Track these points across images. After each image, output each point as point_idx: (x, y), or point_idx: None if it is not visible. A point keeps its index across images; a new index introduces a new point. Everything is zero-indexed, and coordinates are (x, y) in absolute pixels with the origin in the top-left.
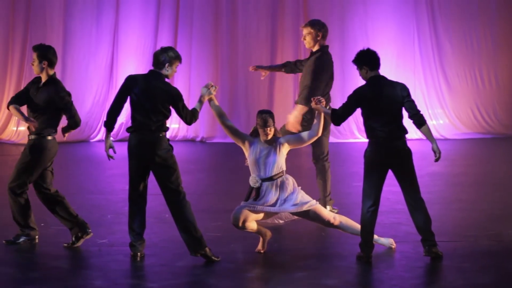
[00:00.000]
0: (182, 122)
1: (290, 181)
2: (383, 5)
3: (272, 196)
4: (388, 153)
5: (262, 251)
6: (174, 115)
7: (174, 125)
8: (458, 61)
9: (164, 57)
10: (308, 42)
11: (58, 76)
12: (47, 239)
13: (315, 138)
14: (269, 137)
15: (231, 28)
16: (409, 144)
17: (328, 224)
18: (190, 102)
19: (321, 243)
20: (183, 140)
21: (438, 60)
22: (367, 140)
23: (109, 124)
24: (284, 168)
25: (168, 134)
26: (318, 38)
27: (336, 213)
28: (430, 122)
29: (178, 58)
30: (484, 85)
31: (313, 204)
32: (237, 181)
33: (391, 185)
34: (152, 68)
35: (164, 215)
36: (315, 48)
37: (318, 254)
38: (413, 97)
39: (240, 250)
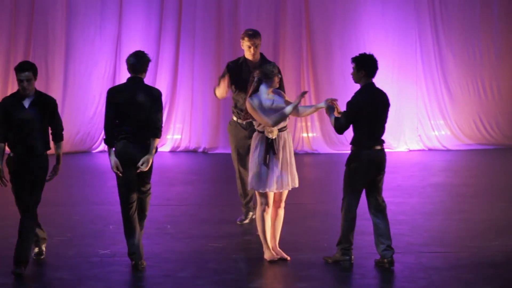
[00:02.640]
0: (184, 132)
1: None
2: (385, 16)
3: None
4: (381, 157)
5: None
6: (176, 125)
7: (176, 135)
8: (461, 72)
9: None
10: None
11: (60, 85)
12: (49, 250)
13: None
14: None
15: (233, 38)
16: (410, 155)
17: (280, 207)
18: (193, 112)
19: (323, 254)
20: (185, 151)
21: (440, 70)
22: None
23: (109, 140)
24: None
25: (170, 145)
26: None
27: None
28: (432, 133)
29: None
30: (486, 96)
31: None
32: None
33: (393, 196)
34: (132, 75)
35: (166, 226)
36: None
37: (321, 264)
38: (415, 107)
39: (242, 261)
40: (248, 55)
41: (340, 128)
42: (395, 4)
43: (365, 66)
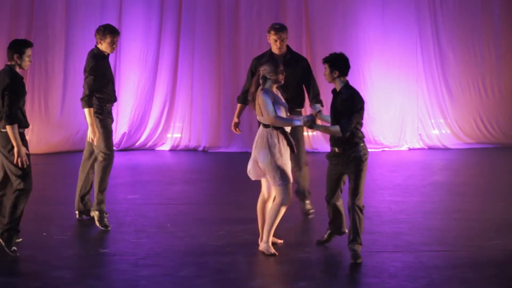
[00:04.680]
0: (184, 131)
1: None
2: (385, 15)
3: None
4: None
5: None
6: (176, 124)
7: (176, 134)
8: (461, 71)
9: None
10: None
11: (60, 84)
12: (49, 249)
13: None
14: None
15: (233, 37)
16: (411, 153)
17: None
18: (193, 111)
19: (324, 253)
20: (185, 150)
21: (440, 69)
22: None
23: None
24: None
25: (170, 144)
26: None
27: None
28: (433, 132)
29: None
30: (487, 95)
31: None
32: (239, 191)
33: (393, 195)
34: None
35: (166, 225)
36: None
37: (321, 263)
38: (415, 107)
39: (242, 260)
40: (275, 48)
41: (349, 129)
42: (395, 3)
43: (338, 65)
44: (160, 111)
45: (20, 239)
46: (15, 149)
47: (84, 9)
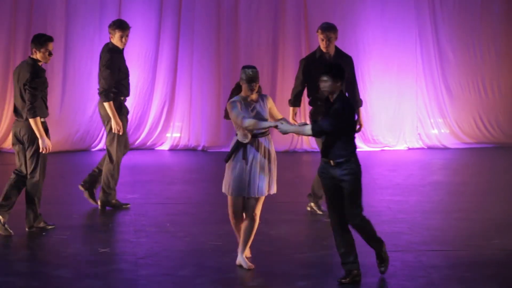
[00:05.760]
0: (183, 131)
1: (272, 151)
2: (385, 15)
3: (252, 155)
4: None
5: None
6: (175, 124)
7: (176, 134)
8: (461, 71)
9: None
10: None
11: (60, 84)
12: (49, 248)
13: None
14: (254, 92)
15: (232, 36)
16: (410, 153)
17: (250, 216)
18: (192, 110)
19: (323, 252)
20: (184, 149)
21: (440, 69)
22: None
23: None
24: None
25: (169, 143)
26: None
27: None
28: (432, 131)
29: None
30: (486, 95)
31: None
32: None
33: (392, 194)
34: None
35: (166, 225)
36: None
37: (320, 263)
38: (415, 106)
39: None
40: (322, 48)
41: (319, 130)
42: (395, 2)
43: (342, 76)
44: (160, 110)
45: (53, 225)
46: (40, 140)
47: (84, 8)
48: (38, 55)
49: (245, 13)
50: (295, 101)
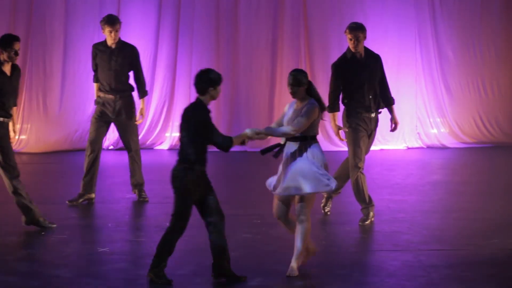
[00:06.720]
0: None
1: (309, 154)
2: (384, 14)
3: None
4: None
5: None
6: (175, 123)
7: (175, 133)
8: (460, 70)
9: None
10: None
11: (59, 83)
12: (48, 248)
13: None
14: (294, 96)
15: (232, 36)
16: (409, 152)
17: (297, 219)
18: None
19: (322, 251)
20: None
21: (440, 69)
22: None
23: None
24: (310, 134)
25: (169, 143)
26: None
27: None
28: (431, 131)
29: None
30: (486, 94)
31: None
32: (237, 189)
33: (391, 194)
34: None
35: (165, 224)
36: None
37: (319, 262)
38: (414, 106)
39: (240, 259)
40: (351, 48)
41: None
42: (394, 2)
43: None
44: (159, 110)
45: (54, 225)
46: None
47: (83, 8)
48: (4, 56)
49: (244, 13)
50: (333, 106)
